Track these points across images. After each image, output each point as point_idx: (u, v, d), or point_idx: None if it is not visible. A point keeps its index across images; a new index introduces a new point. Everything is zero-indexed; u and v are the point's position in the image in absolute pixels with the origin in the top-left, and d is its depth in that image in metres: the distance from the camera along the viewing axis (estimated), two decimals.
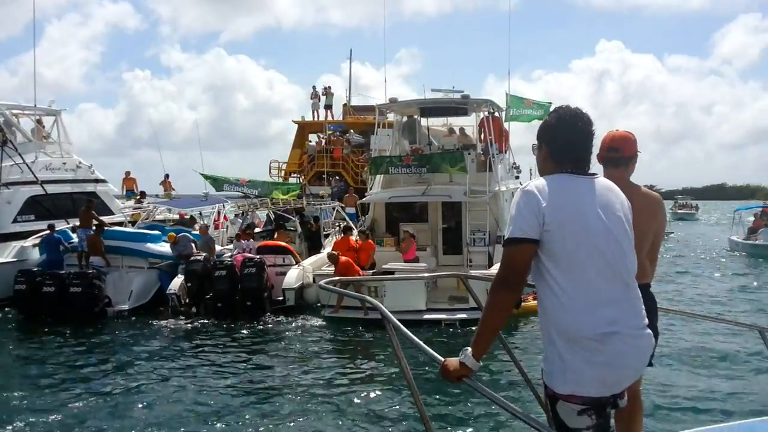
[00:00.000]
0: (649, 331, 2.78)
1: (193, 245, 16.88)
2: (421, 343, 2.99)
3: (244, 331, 14.27)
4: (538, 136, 2.98)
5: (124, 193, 26.54)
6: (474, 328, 2.87)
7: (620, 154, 3.94)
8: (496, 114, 18.48)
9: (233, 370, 11.38)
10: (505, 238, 2.73)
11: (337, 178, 29.96)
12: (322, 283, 4.04)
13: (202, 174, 17.84)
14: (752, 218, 32.63)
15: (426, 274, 13.48)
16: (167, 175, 28.13)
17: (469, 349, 2.74)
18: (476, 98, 18.20)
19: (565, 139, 2.86)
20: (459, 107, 18.74)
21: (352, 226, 19.34)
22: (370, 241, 16.42)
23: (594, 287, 2.66)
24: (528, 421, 2.73)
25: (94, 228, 16.92)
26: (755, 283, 22.31)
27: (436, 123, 20.67)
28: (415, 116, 19.55)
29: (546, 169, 2.91)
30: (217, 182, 17.84)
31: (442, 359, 2.82)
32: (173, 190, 27.48)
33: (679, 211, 73.78)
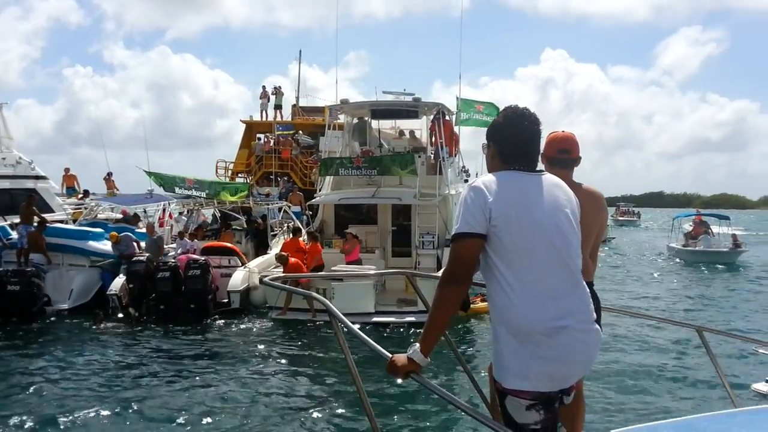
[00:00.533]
0: (597, 326, 2.80)
1: (135, 245, 16.42)
2: (367, 339, 2.97)
3: (188, 334, 13.92)
4: (487, 135, 3.00)
5: (64, 190, 25.70)
6: (421, 330, 2.81)
7: (569, 156, 3.94)
8: (447, 117, 18.49)
9: (176, 374, 11.04)
10: (452, 233, 2.73)
11: (285, 179, 29.64)
12: (266, 279, 3.99)
13: (146, 171, 17.36)
14: (690, 225, 33.41)
15: (372, 272, 13.41)
16: (110, 174, 27.39)
17: (417, 344, 2.73)
18: (427, 101, 18.23)
19: (512, 138, 2.89)
20: (410, 110, 18.74)
21: (301, 227, 19.16)
22: (317, 244, 16.24)
23: (542, 282, 2.66)
24: (475, 415, 2.75)
25: (35, 224, 16.29)
26: (693, 287, 23.02)
27: (385, 125, 20.63)
28: (366, 118, 19.46)
29: (494, 167, 2.93)
30: (165, 181, 17.37)
31: (390, 355, 2.81)
32: (116, 189, 26.73)
33: (621, 218, 75.22)
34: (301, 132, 32.23)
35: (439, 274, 10.43)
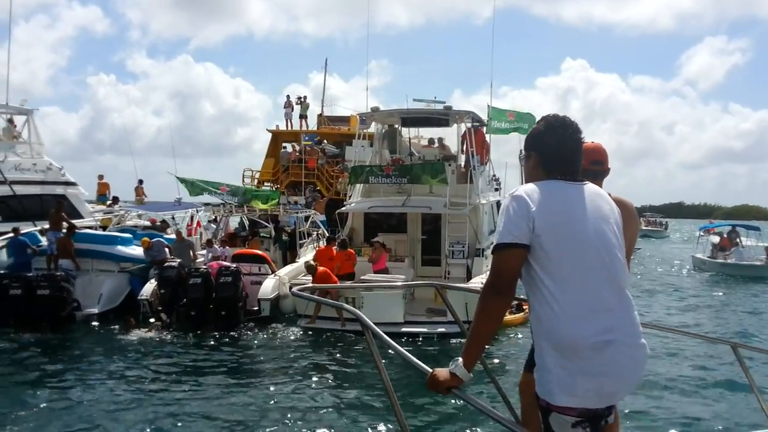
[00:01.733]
0: (644, 341, 2.69)
1: (167, 250, 16.45)
2: (405, 352, 2.87)
3: (218, 341, 13.86)
4: (527, 144, 2.92)
5: (97, 197, 25.84)
6: (453, 341, 2.79)
7: (601, 167, 3.88)
8: (478, 125, 18.37)
9: (205, 383, 10.97)
10: (495, 243, 2.64)
11: (311, 188, 29.63)
12: (295, 290, 3.93)
13: (177, 177, 17.41)
14: (717, 237, 32.41)
15: (399, 283, 13.27)
16: (141, 181, 27.55)
17: (460, 359, 2.65)
18: (459, 109, 18.11)
19: (554, 147, 2.82)
20: (441, 118, 18.62)
21: (330, 236, 19.08)
22: (350, 250, 16.12)
23: (588, 295, 2.58)
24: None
25: (64, 230, 16.36)
26: (724, 300, 22.54)
27: (414, 134, 20.54)
28: (396, 126, 19.38)
29: (536, 176, 2.84)
30: (195, 187, 17.38)
31: (429, 370, 2.72)
32: (145, 196, 26.85)
33: (645, 228, 73.39)
34: (326, 141, 32.24)
35: (469, 285, 10.46)
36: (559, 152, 2.81)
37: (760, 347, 10.00)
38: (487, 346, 3.06)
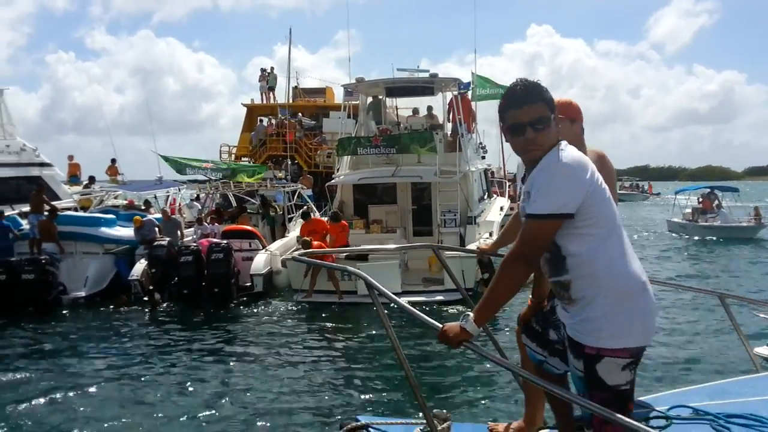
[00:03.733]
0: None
1: (156, 230, 16.12)
2: (415, 311, 2.96)
3: (212, 319, 13.66)
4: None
5: (68, 179, 25.21)
6: (452, 309, 2.79)
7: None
8: (465, 92, 18.19)
9: (202, 360, 10.81)
10: (539, 211, 2.61)
11: (289, 162, 29.28)
12: (296, 254, 3.95)
13: (162, 156, 16.99)
14: (698, 200, 31.88)
15: (395, 246, 13.16)
16: (114, 160, 26.91)
17: (471, 314, 2.72)
18: (444, 77, 17.89)
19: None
20: (426, 86, 18.39)
21: (313, 210, 18.88)
22: (343, 221, 15.93)
23: (625, 243, 2.77)
24: (536, 380, 2.85)
25: (45, 213, 15.91)
26: (711, 260, 22.76)
27: (393, 103, 20.31)
28: (380, 96, 19.13)
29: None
30: (179, 165, 16.98)
31: (440, 325, 2.79)
32: (121, 174, 26.22)
33: (627, 192, 72.02)
34: (301, 114, 31.86)
35: (465, 248, 10.36)
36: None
37: (747, 297, 10.25)
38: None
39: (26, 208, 17.30)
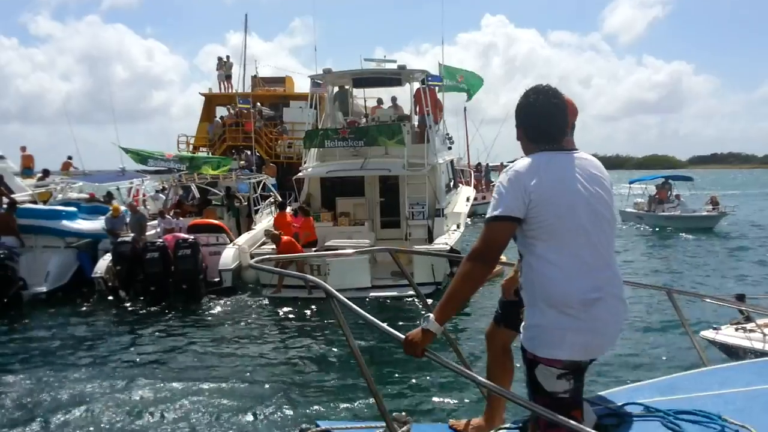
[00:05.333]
0: (625, 300, 2.89)
1: (125, 226, 15.73)
2: (378, 322, 2.95)
3: (181, 316, 13.46)
4: (515, 118, 3.02)
5: (22, 171, 24.33)
6: (429, 315, 2.81)
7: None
8: (432, 84, 18.12)
9: (172, 358, 10.66)
10: (489, 215, 2.76)
11: (248, 152, 28.86)
12: (252, 262, 3.90)
13: (122, 147, 16.52)
14: (645, 190, 32.14)
15: (351, 251, 13.16)
16: (70, 158, 26.07)
17: (431, 315, 2.77)
18: (412, 69, 17.80)
19: (533, 118, 2.94)
20: (393, 77, 18.27)
21: (282, 201, 18.65)
22: (310, 218, 15.81)
23: (580, 257, 2.74)
24: (493, 389, 2.88)
25: (4, 206, 15.34)
26: (668, 253, 22.92)
27: (360, 94, 20.16)
28: (347, 87, 18.95)
29: (525, 148, 2.98)
30: (141, 157, 16.54)
31: (402, 336, 2.81)
32: (74, 168, 25.37)
33: None
34: (260, 104, 31.43)
35: (424, 247, 10.64)
36: (539, 121, 2.92)
37: (693, 291, 10.55)
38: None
39: None
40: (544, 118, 2.92)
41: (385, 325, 2.94)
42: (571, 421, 2.52)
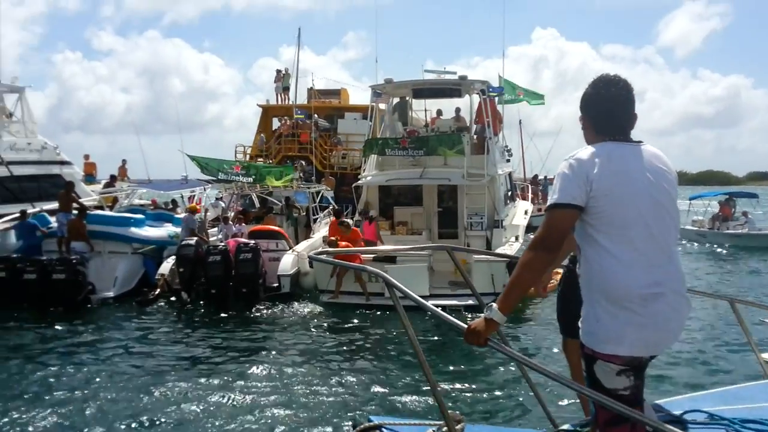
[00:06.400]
0: (688, 297, 2.84)
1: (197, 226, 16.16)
2: (438, 310, 2.98)
3: (240, 319, 13.63)
4: (580, 106, 3.01)
5: (84, 178, 25.13)
6: (480, 314, 2.80)
7: None
8: (493, 95, 18.12)
9: (231, 360, 10.78)
10: (551, 202, 2.75)
11: (303, 162, 29.21)
12: (311, 253, 4.03)
13: (189, 156, 16.88)
14: (708, 207, 30.43)
15: (407, 247, 13.14)
16: (124, 161, 26.81)
17: (494, 305, 2.75)
18: (473, 79, 17.82)
19: (602, 107, 2.91)
20: (453, 88, 18.32)
21: (337, 209, 18.79)
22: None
23: (641, 250, 2.70)
24: (560, 379, 2.78)
25: (75, 212, 15.81)
26: (732, 269, 22.07)
27: (421, 105, 20.24)
28: (407, 98, 19.06)
29: (589, 138, 2.96)
30: (210, 168, 16.86)
31: (464, 325, 2.81)
32: (127, 177, 26.12)
33: None
34: (316, 115, 31.83)
35: (481, 250, 10.57)
36: (606, 113, 2.89)
37: (758, 302, 10.21)
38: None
39: (47, 206, 17.25)
40: (614, 109, 2.89)
41: (447, 315, 2.96)
42: (645, 417, 2.51)
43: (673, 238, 2.84)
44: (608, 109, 2.89)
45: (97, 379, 9.66)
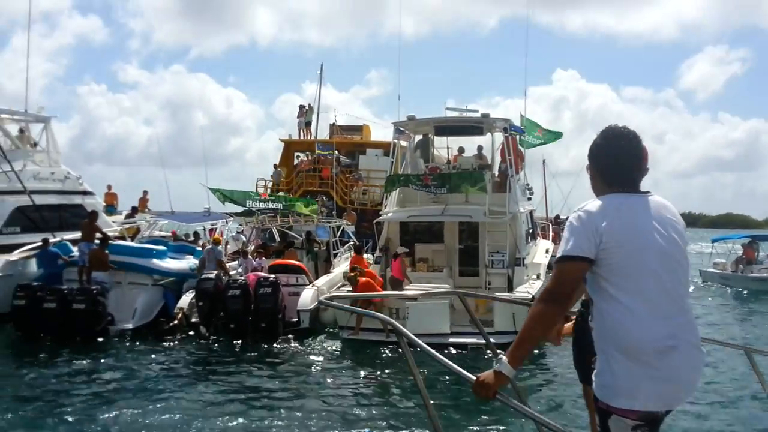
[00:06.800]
0: (703, 349, 2.80)
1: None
2: (445, 359, 2.92)
3: (260, 354, 13.53)
4: (589, 156, 3.00)
5: (105, 208, 25.31)
6: (500, 352, 2.77)
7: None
8: (515, 134, 18.12)
9: (250, 396, 10.66)
10: (561, 254, 2.74)
11: (324, 197, 29.30)
12: (322, 298, 4.18)
13: (211, 189, 16.94)
14: (732, 249, 30.08)
15: (416, 292, 13.09)
16: (145, 192, 27.01)
17: (504, 357, 2.71)
18: (495, 117, 17.83)
19: (611, 159, 2.90)
20: (475, 126, 18.34)
21: (358, 244, 18.74)
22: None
23: (653, 302, 2.67)
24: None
25: (97, 242, 15.86)
26: (755, 315, 21.50)
27: (442, 142, 20.24)
28: (429, 135, 19.09)
29: (597, 188, 2.96)
30: (235, 198, 16.84)
31: (473, 376, 2.77)
32: (147, 208, 26.29)
33: None
34: (336, 152, 32.02)
35: (490, 294, 10.55)
36: (616, 164, 2.88)
37: None
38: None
39: (69, 236, 17.35)
40: (622, 161, 2.88)
41: (455, 365, 2.92)
42: None
43: (685, 289, 2.82)
44: (617, 161, 2.89)
45: (112, 414, 9.55)
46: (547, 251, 19.56)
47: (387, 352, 13.63)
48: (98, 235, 16.14)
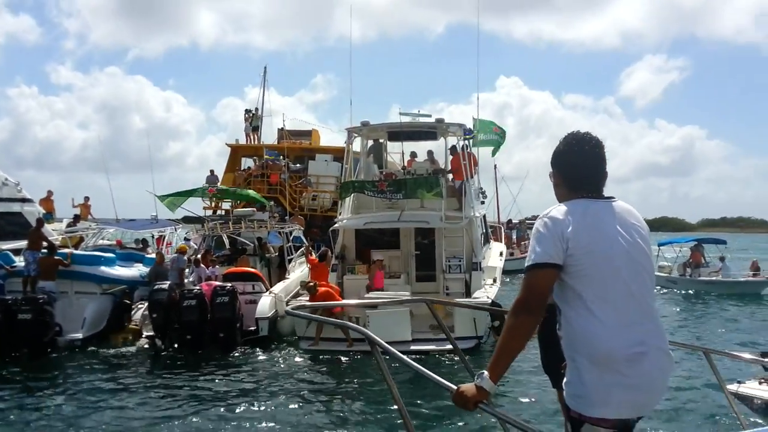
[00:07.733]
0: (671, 353, 2.80)
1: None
2: (423, 369, 2.92)
3: (217, 365, 13.21)
4: (552, 163, 2.99)
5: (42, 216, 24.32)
6: (480, 371, 2.73)
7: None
8: (470, 138, 18.21)
9: (212, 407, 10.43)
10: (529, 263, 2.71)
11: (272, 203, 28.91)
12: (288, 308, 3.98)
13: (157, 196, 16.48)
14: (679, 253, 30.28)
15: (386, 299, 13.01)
16: (87, 198, 26.13)
17: (485, 372, 2.69)
18: (450, 122, 17.89)
19: (574, 164, 2.89)
20: (429, 131, 18.36)
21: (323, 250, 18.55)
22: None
23: (621, 309, 2.66)
24: None
25: (44, 250, 15.23)
26: (709, 317, 21.76)
27: (395, 147, 20.23)
28: (382, 140, 19.03)
29: (561, 194, 2.94)
30: (179, 199, 16.37)
31: (454, 386, 2.75)
32: (90, 215, 25.42)
33: None
34: (287, 157, 31.66)
35: (461, 300, 10.67)
36: (580, 169, 2.87)
37: (731, 352, 10.26)
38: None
39: (7, 245, 16.66)
40: (586, 166, 2.88)
41: (435, 376, 2.90)
42: None
43: (651, 295, 2.80)
44: (581, 167, 2.88)
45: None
46: (501, 254, 19.73)
47: (349, 360, 13.51)
48: (44, 243, 15.49)
